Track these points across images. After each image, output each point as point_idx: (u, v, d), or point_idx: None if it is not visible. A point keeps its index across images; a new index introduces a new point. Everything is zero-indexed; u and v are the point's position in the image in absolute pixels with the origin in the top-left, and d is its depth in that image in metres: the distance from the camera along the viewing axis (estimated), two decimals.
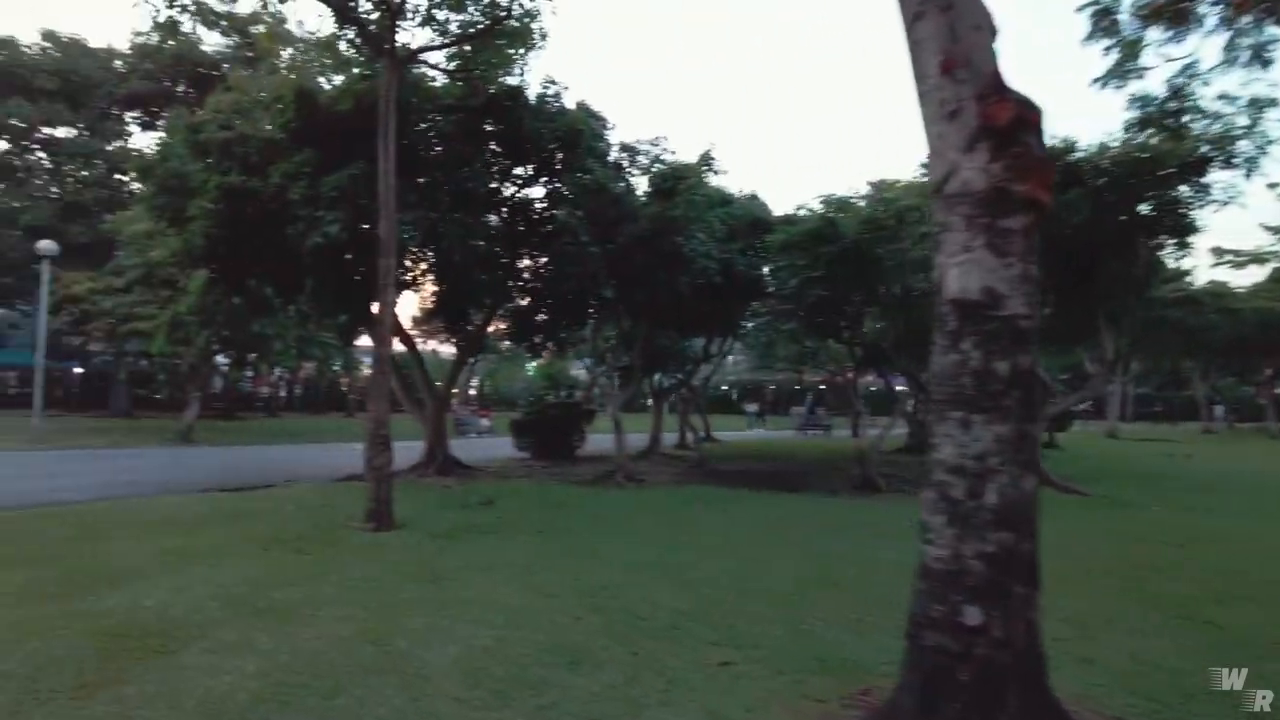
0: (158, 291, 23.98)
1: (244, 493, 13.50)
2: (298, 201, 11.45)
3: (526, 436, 20.20)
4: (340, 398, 49.56)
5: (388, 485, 9.84)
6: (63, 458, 18.65)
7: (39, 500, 12.38)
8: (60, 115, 32.49)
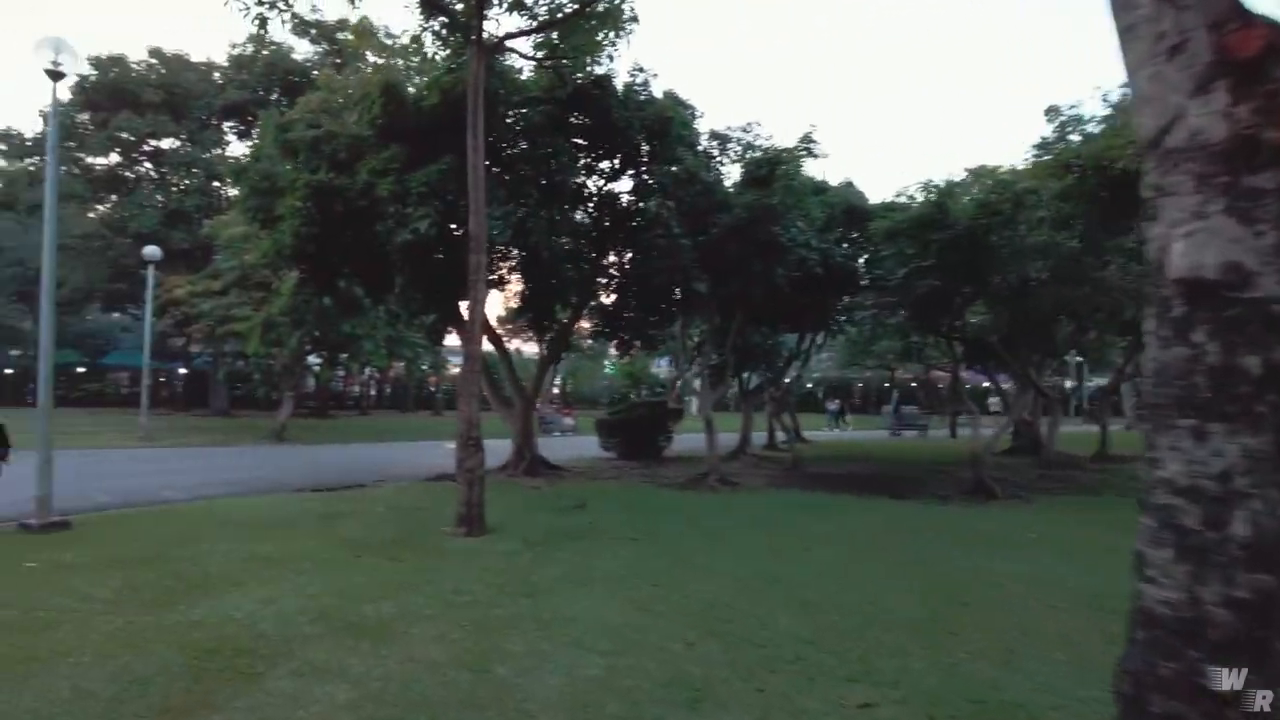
0: (252, 294, 24.58)
1: (335, 493, 13.46)
2: (386, 198, 11.24)
3: (612, 436, 19.77)
4: (428, 397, 50.47)
5: (480, 488, 9.48)
6: (166, 456, 19.18)
7: (144, 499, 12.60)
8: (165, 126, 33.87)
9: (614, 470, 16.89)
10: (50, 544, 8.57)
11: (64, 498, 12.43)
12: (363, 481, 15.67)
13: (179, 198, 34.67)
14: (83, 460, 17.41)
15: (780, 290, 13.05)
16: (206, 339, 25.26)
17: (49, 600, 6.35)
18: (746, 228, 12.35)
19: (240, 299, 24.45)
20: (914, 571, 8.11)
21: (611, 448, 19.91)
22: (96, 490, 13.17)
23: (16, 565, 7.54)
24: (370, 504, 11.74)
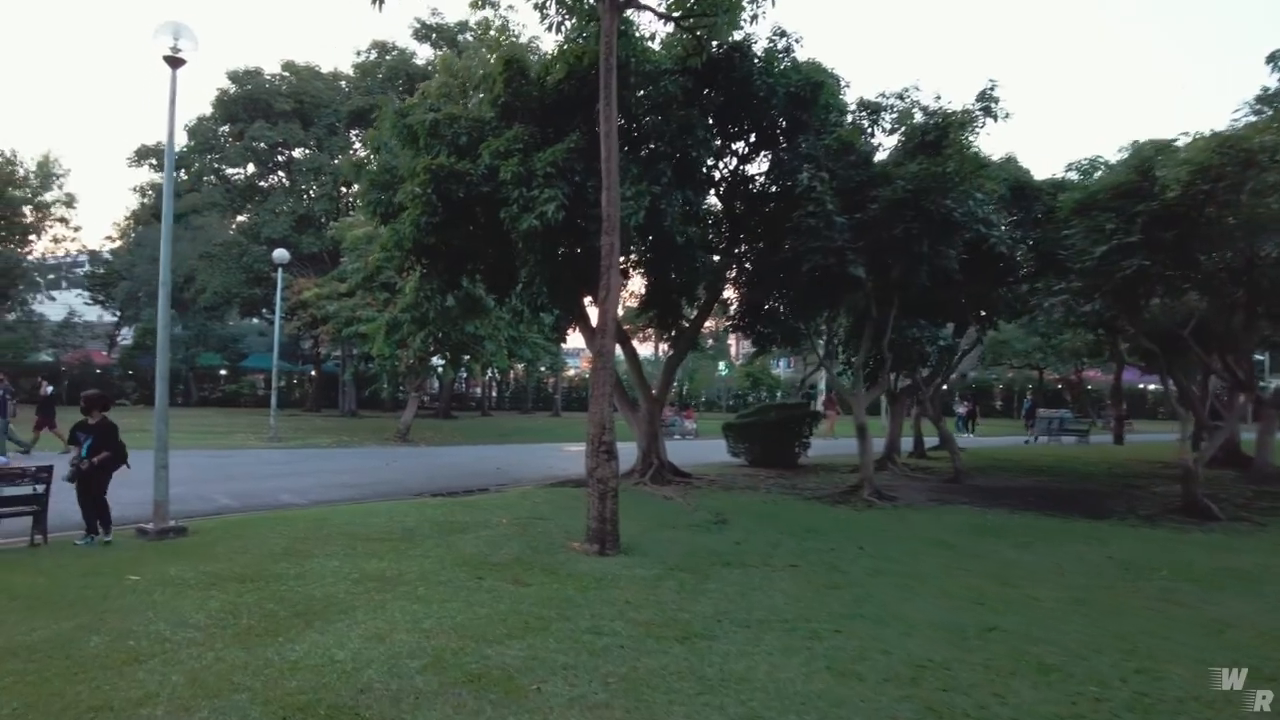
0: (377, 294, 24.53)
1: (456, 498, 12.68)
2: (510, 181, 10.26)
3: (742, 441, 18.34)
4: (547, 397, 50.39)
5: (613, 501, 8.29)
6: (291, 457, 19.12)
7: (262, 503, 12.17)
8: (294, 134, 34.91)
9: (748, 479, 15.45)
10: (160, 553, 7.97)
11: (188, 500, 12.22)
12: (485, 485, 14.91)
13: (308, 204, 35.68)
14: (212, 460, 17.48)
15: (951, 275, 11.27)
16: (334, 340, 25.43)
17: (141, 625, 5.57)
18: (912, 202, 10.68)
19: (365, 300, 24.47)
20: (1172, 620, 6.34)
21: (741, 453, 18.49)
22: (220, 492, 12.88)
23: (121, 578, 6.88)
24: (492, 512, 10.79)
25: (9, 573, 7.04)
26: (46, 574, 7.03)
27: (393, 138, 12.57)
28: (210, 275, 35.10)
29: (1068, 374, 44.72)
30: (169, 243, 9.39)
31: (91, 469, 8.48)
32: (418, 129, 11.75)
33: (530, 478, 16.38)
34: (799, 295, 12.19)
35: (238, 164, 36.42)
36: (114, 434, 8.90)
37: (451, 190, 10.86)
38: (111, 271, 45.89)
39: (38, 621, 5.68)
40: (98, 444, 8.66)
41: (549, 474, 16.95)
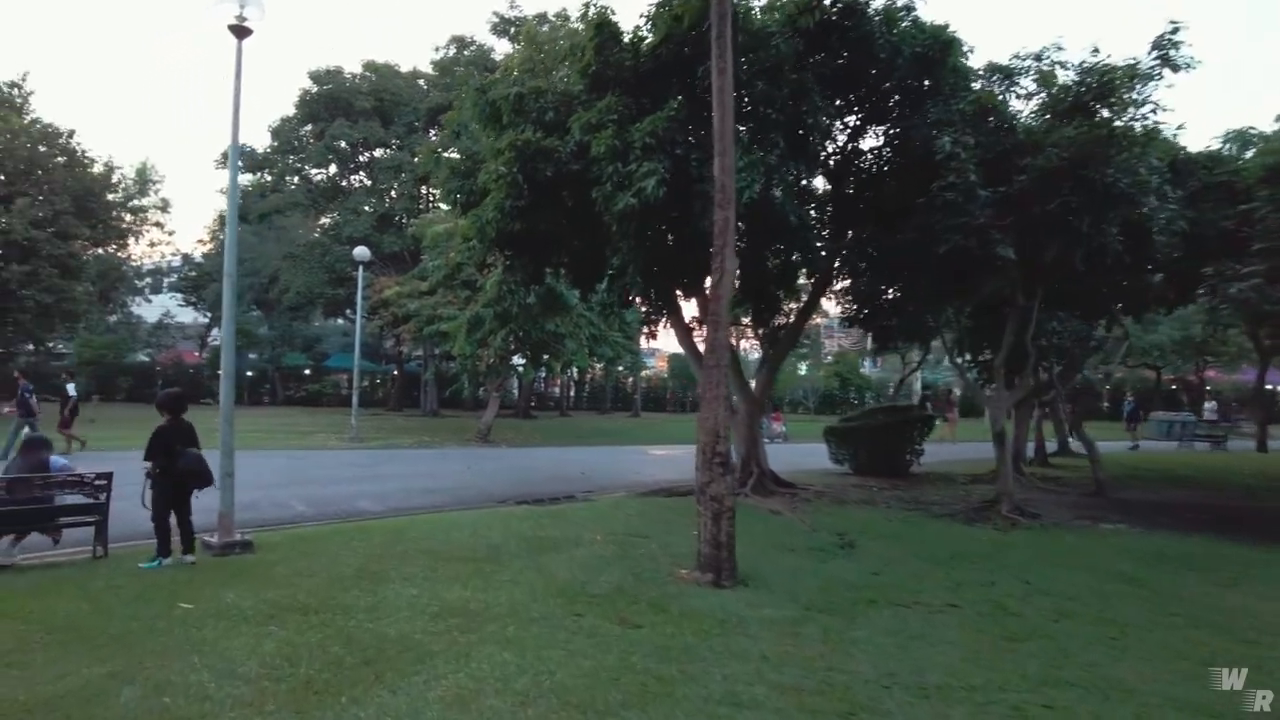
0: (458, 292, 23.90)
1: (542, 506, 11.67)
2: (603, 156, 9.14)
3: (846, 447, 16.84)
4: (625, 397, 49.52)
5: (729, 523, 7.06)
6: (372, 458, 18.52)
7: (338, 511, 11.40)
8: (374, 132, 34.83)
9: (859, 491, 13.99)
10: (220, 573, 7.11)
11: (262, 506, 11.54)
12: (571, 492, 13.87)
13: (389, 203, 35.60)
14: (291, 462, 16.98)
15: (1112, 256, 9.59)
16: (415, 339, 24.98)
17: (182, 674, 4.62)
18: (1068, 171, 9.10)
19: (446, 298, 23.89)
20: None
21: (845, 460, 16.99)
22: (296, 498, 12.18)
23: (172, 606, 6.00)
24: (584, 526, 9.70)
25: (53, 597, 6.25)
26: (93, 599, 6.21)
27: (474, 119, 11.63)
28: (294, 275, 35.34)
29: (1185, 374, 41.32)
30: (234, 224, 8.67)
31: (153, 480, 7.65)
32: (500, 105, 10.74)
33: (618, 484, 15.29)
34: (928, 283, 10.68)
35: (320, 164, 36.62)
36: (165, 440, 7.62)
37: (538, 169, 9.80)
38: (203, 274, 47.03)
39: (69, 664, 4.80)
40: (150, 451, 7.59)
41: (637, 481, 15.84)
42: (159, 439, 7.60)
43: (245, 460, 17.44)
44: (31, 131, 27.81)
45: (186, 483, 7.69)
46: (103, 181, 31.11)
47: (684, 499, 12.39)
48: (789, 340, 14.12)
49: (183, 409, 7.97)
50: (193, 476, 7.67)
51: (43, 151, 28.20)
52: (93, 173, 30.57)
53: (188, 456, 7.65)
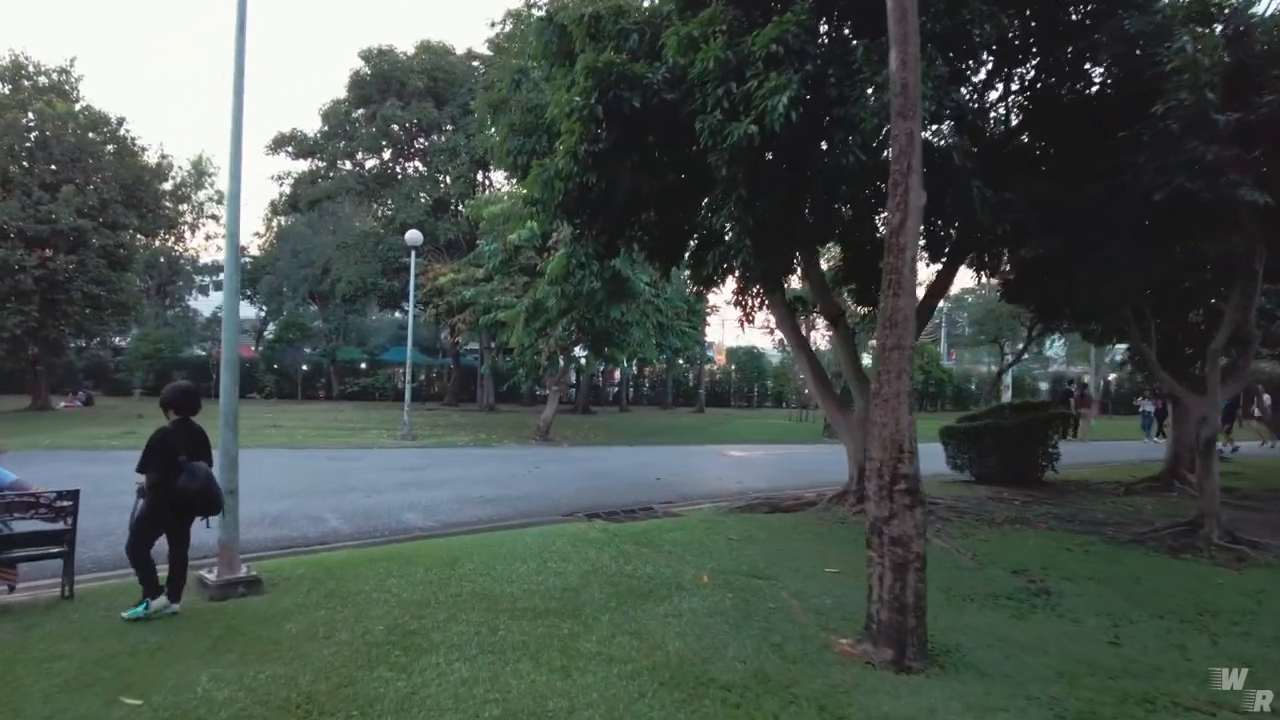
0: (516, 279, 22.06)
1: (619, 523, 9.64)
2: (710, 75, 6.97)
3: (968, 451, 14.37)
4: (688, 392, 47.38)
5: (919, 578, 4.85)
6: (424, 459, 16.72)
7: (379, 527, 9.54)
8: (428, 114, 33.23)
9: (998, 504, 11.57)
10: (208, 631, 5.20)
11: (291, 520, 9.71)
12: (648, 503, 11.81)
13: (444, 189, 33.99)
14: (335, 464, 15.26)
15: None
16: (471, 330, 23.21)
17: None
18: None
19: (504, 285, 22.05)
20: None
21: (965, 466, 14.53)
22: (332, 509, 10.36)
23: (112, 700, 4.08)
24: (680, 556, 7.60)
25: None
26: (13, 682, 4.32)
27: (538, 54, 9.58)
28: (345, 266, 34.02)
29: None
30: (238, 178, 6.67)
31: (144, 498, 5.68)
32: (572, 31, 8.66)
33: (701, 493, 13.17)
34: (1122, 246, 8.22)
35: (373, 149, 35.14)
36: (167, 446, 5.62)
37: (622, 100, 7.66)
38: (258, 267, 46.38)
39: None
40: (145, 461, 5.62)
41: (722, 489, 13.70)
42: (159, 445, 5.61)
43: (284, 461, 16.00)
44: (80, 118, 26.85)
45: (190, 507, 5.71)
46: (153, 171, 30.12)
47: (793, 517, 10.21)
48: (921, 319, 11.63)
49: (194, 407, 5.94)
50: (199, 499, 5.65)
51: (91, 139, 27.24)
52: (142, 161, 29.62)
53: (194, 472, 5.60)
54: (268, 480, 12.81)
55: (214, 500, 5.75)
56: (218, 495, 5.79)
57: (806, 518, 10.16)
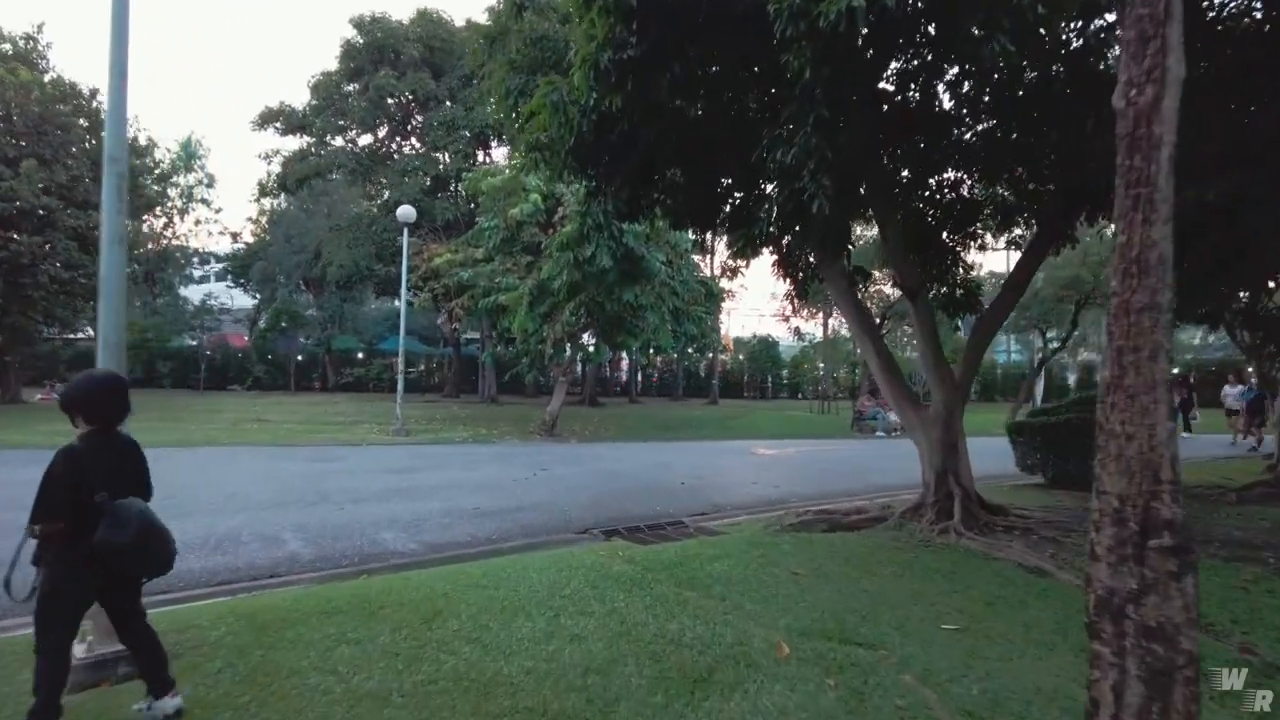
0: (518, 258, 20.09)
1: (647, 546, 7.75)
2: None
3: (1042, 449, 12.40)
4: (699, 383, 45.50)
5: (1192, 696, 2.88)
6: (416, 458, 14.80)
7: (348, 550, 7.64)
8: (424, 85, 31.11)
9: None
10: None
11: (241, 541, 7.79)
12: (678, 516, 9.90)
13: (441, 167, 31.90)
14: (313, 466, 13.33)
15: None
16: (470, 315, 21.25)
17: None
18: None
19: (505, 265, 20.07)
20: None
21: (1036, 467, 12.58)
22: (296, 527, 8.46)
23: None
24: (736, 604, 5.67)
25: None
26: None
27: None
28: (337, 249, 31.98)
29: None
30: (121, 128, 4.69)
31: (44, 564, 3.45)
32: None
33: (736, 502, 11.23)
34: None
35: (366, 124, 33.00)
36: (74, 476, 3.42)
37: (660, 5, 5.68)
38: (252, 253, 44.49)
39: None
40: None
41: (759, 495, 11.77)
42: (62, 476, 3.40)
43: (257, 463, 14.10)
44: (46, 89, 24.83)
45: (121, 568, 3.55)
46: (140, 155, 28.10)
47: (860, 538, 8.19)
48: (1009, 300, 9.56)
49: (117, 413, 3.75)
50: (133, 557, 3.49)
51: (60, 111, 25.22)
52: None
53: (121, 516, 3.42)
54: (229, 486, 10.96)
55: (156, 556, 3.60)
56: (163, 548, 3.61)
57: (878, 539, 8.19)
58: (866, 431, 24.94)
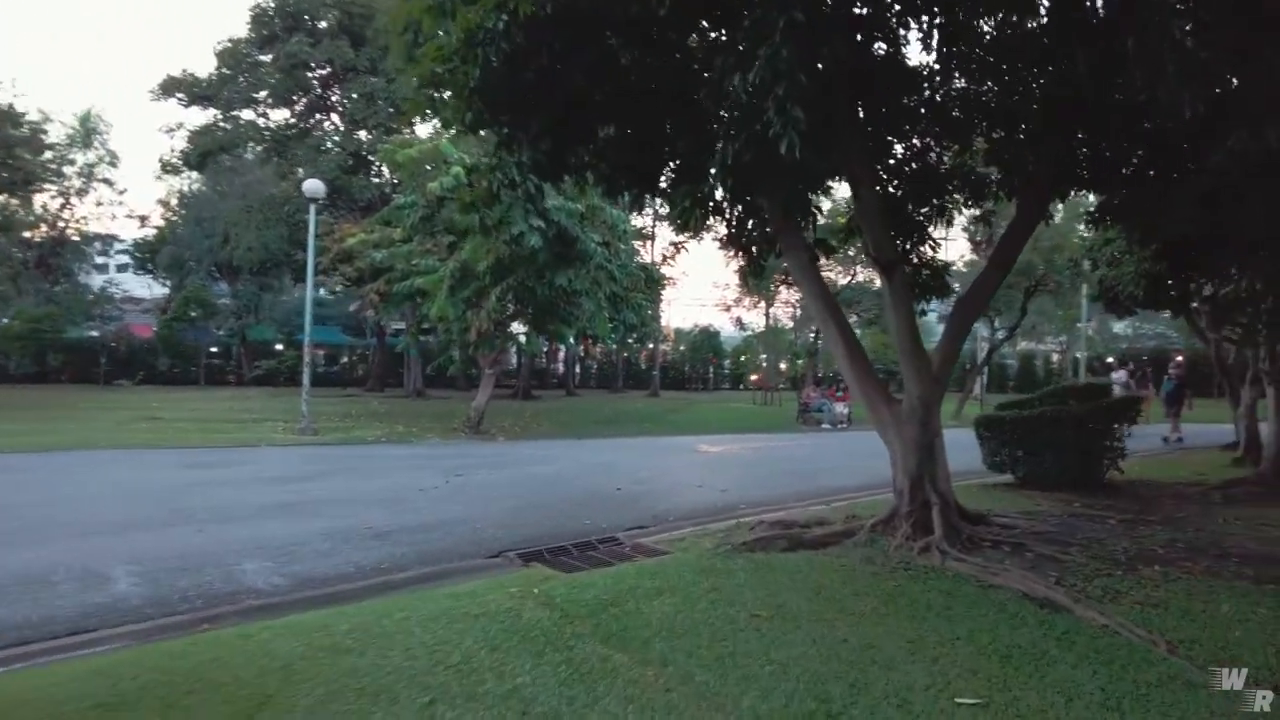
0: (440, 238, 18.34)
1: (573, 575, 6.30)
2: None
3: (1012, 445, 11.33)
4: (638, 374, 44.15)
5: None
6: (316, 463, 13.04)
7: (192, 590, 5.96)
8: (342, 53, 28.85)
9: (1086, 523, 8.51)
10: None
11: (53, 583, 6.08)
12: (612, 530, 8.46)
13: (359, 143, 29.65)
14: (189, 473, 11.45)
15: None
16: (387, 302, 19.34)
17: None
18: None
19: (425, 245, 18.28)
20: None
21: (1006, 464, 11.51)
22: (132, 559, 6.72)
23: None
24: (682, 670, 4.26)
25: None
26: None
27: None
28: (245, 230, 29.49)
29: None
30: None
31: None
32: None
33: (680, 510, 9.83)
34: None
35: (281, 96, 30.44)
36: None
37: None
38: (161, 237, 41.39)
39: None
40: None
41: (705, 502, 10.36)
42: None
43: (123, 470, 12.03)
44: None
45: None
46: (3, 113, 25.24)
47: (829, 558, 6.79)
48: (993, 279, 8.25)
49: None
50: None
51: None
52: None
53: None
54: (72, 503, 9.11)
55: None
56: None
57: (848, 559, 6.86)
58: (812, 424, 23.89)
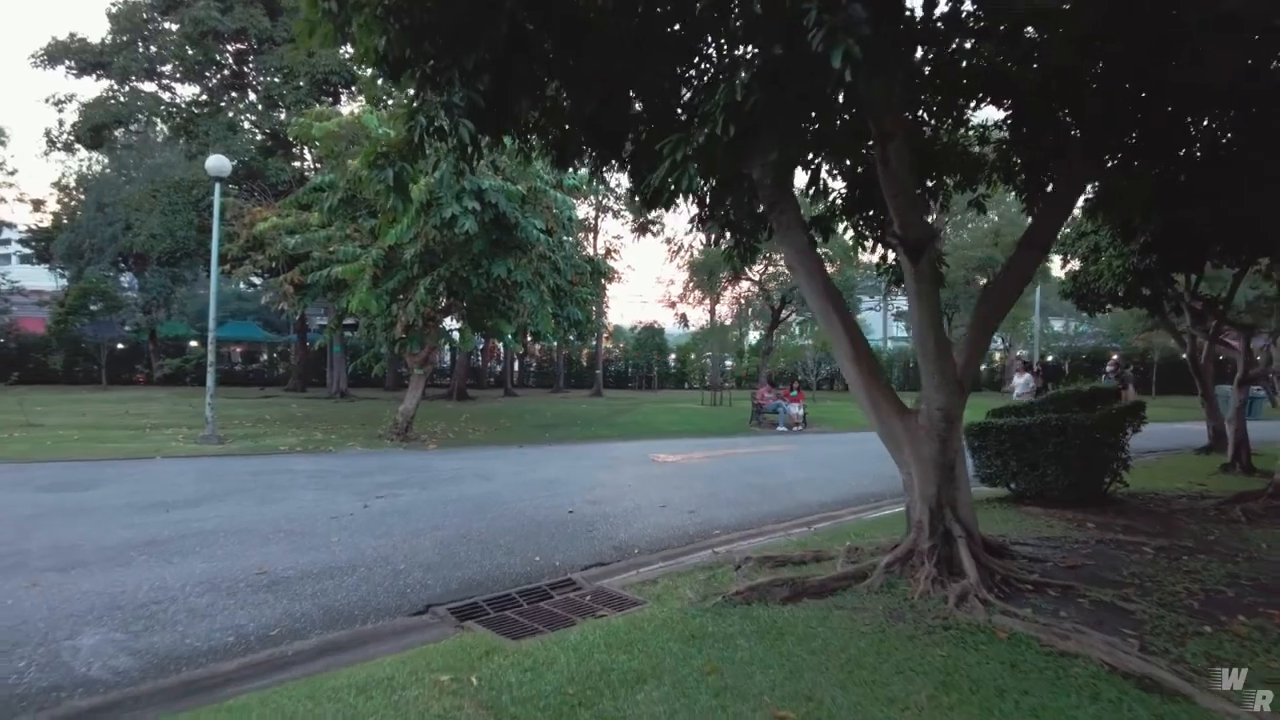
0: (362, 223, 16.43)
1: (520, 640, 4.74)
2: None
3: (1007, 455, 10.16)
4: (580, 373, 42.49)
5: None
6: (208, 480, 11.09)
7: (30, 679, 4.21)
8: (256, 22, 26.38)
9: (1118, 550, 7.32)
10: None
11: None
12: (566, 568, 6.94)
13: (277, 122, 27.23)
14: (47, 496, 9.41)
15: None
16: (303, 294, 17.29)
17: None
18: None
19: (345, 231, 16.33)
20: None
21: (1002, 478, 10.34)
22: None
23: None
24: None
25: None
26: None
27: None
28: (147, 216, 26.77)
29: None
30: None
31: None
32: None
33: (644, 538, 8.33)
34: None
35: (189, 69, 27.69)
36: None
37: None
38: (59, 225, 37.99)
39: None
40: None
41: (672, 529, 8.86)
42: None
43: None
44: None
45: None
46: None
47: (843, 616, 5.36)
48: (1031, 261, 6.85)
49: None
50: None
51: None
52: None
53: None
54: None
55: None
56: None
57: (872, 615, 5.45)
58: (767, 426, 22.67)
